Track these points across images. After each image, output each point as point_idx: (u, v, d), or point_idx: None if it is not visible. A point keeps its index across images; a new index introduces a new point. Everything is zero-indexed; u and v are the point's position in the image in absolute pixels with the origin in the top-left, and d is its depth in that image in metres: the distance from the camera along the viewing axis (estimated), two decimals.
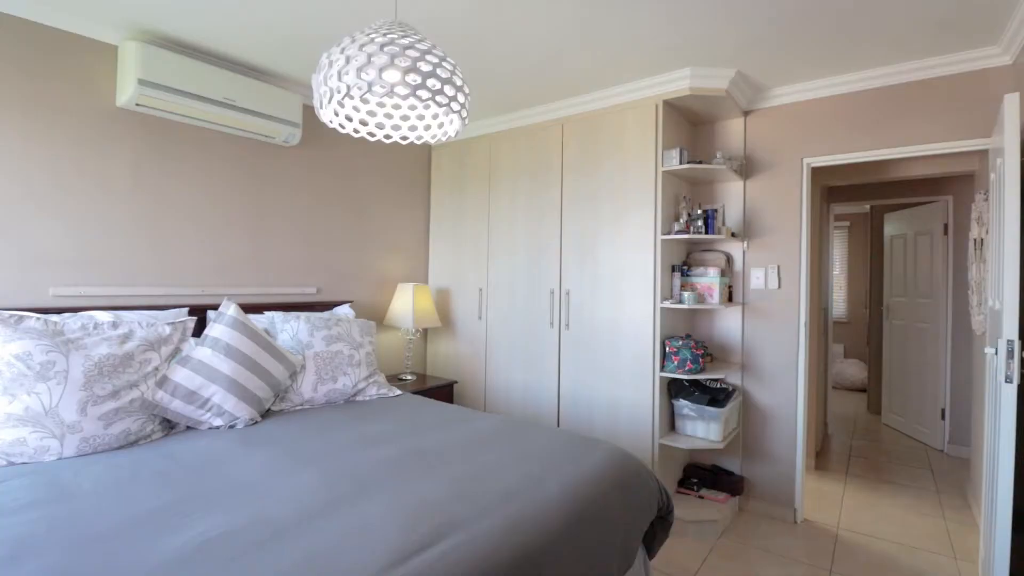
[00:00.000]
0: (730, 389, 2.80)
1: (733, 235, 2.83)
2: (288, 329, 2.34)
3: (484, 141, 3.36)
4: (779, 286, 2.78)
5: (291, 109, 2.59)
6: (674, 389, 2.73)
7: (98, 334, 1.71)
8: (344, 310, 2.82)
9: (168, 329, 1.89)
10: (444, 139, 1.72)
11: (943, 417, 3.94)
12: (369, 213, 3.26)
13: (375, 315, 3.31)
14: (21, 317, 1.65)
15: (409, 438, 1.87)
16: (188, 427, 1.90)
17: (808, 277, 2.74)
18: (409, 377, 3.20)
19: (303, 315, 2.43)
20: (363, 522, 1.24)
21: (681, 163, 2.61)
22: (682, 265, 2.84)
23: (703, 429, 2.64)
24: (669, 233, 2.69)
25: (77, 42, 2.13)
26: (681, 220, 2.70)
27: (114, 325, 1.77)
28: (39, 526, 1.19)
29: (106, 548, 1.11)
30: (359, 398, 2.43)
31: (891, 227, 4.72)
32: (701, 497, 2.77)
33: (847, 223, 6.87)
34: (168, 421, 1.86)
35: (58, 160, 2.08)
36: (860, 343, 6.68)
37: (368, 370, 2.48)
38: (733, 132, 2.94)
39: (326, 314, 2.56)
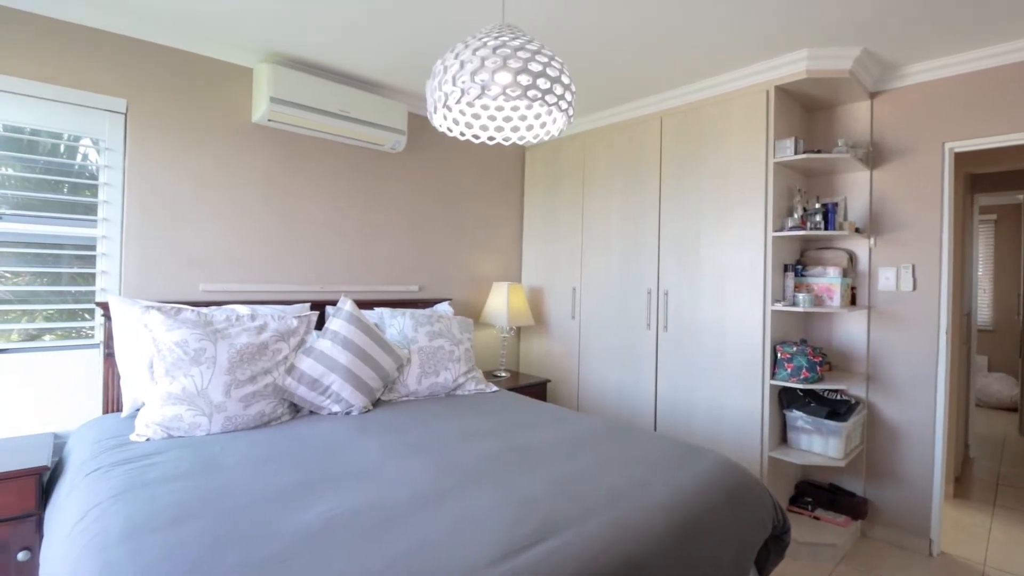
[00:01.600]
0: (853, 402, 2.54)
1: (857, 231, 2.57)
2: (395, 324, 2.48)
3: (578, 139, 3.34)
4: (913, 288, 2.48)
5: (398, 117, 2.74)
6: (786, 399, 2.53)
7: (239, 325, 1.92)
8: (444, 307, 2.94)
9: (295, 322, 2.08)
10: (547, 138, 1.73)
11: None
12: (466, 214, 3.37)
13: (471, 313, 3.41)
14: (179, 309, 1.89)
15: (509, 434, 1.90)
16: (311, 412, 2.09)
17: (950, 278, 2.41)
18: (503, 374, 3.26)
19: (408, 311, 2.56)
20: (471, 514, 1.28)
21: (796, 153, 2.41)
22: (796, 264, 2.62)
23: (820, 444, 2.42)
24: (782, 229, 2.49)
25: (220, 67, 2.41)
26: (795, 215, 2.49)
27: (252, 317, 1.99)
28: (196, 493, 1.36)
29: (250, 517, 1.24)
30: (458, 392, 2.51)
31: None
32: (816, 518, 2.55)
33: (993, 216, 5.97)
34: (294, 405, 2.05)
35: (205, 173, 2.37)
36: (1008, 354, 5.77)
37: (467, 366, 2.56)
38: (857, 117, 2.67)
39: (428, 311, 2.68)
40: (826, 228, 2.47)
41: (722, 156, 2.63)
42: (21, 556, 1.62)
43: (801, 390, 2.53)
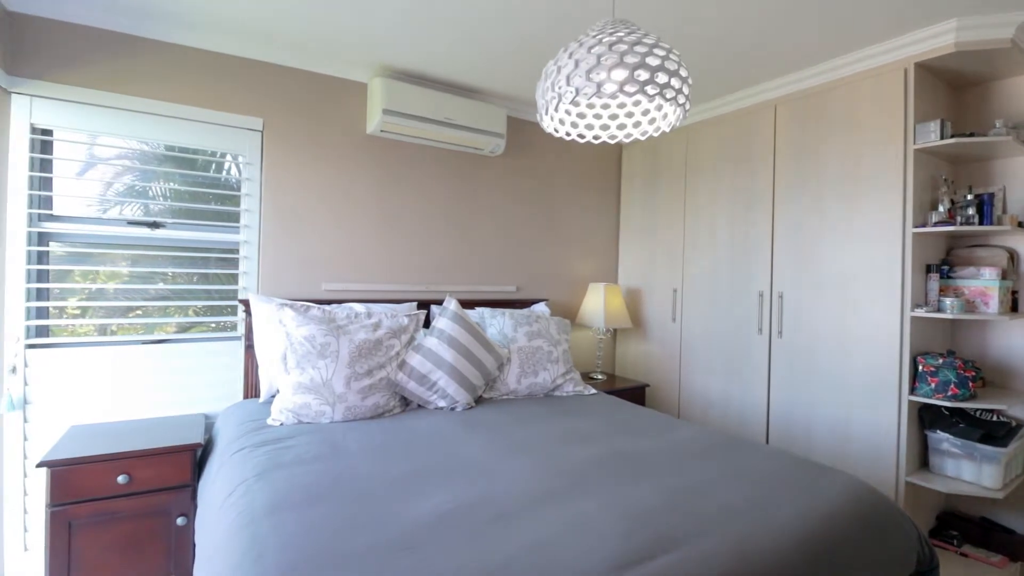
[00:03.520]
0: (1013, 424, 2.18)
1: (1020, 225, 2.20)
2: (495, 324, 2.53)
3: (679, 133, 3.20)
4: None
5: (497, 122, 2.79)
6: (928, 418, 2.23)
7: (357, 322, 2.07)
8: (540, 308, 2.95)
9: (406, 320, 2.20)
10: (656, 134, 1.67)
11: None
12: (562, 214, 3.36)
13: (567, 314, 3.40)
14: (307, 307, 2.08)
15: (612, 439, 1.86)
16: (419, 405, 2.19)
17: None
18: (600, 376, 3.21)
19: (507, 311, 2.61)
20: (581, 519, 1.26)
21: (942, 138, 2.12)
22: (940, 265, 2.30)
23: (971, 471, 2.11)
24: (924, 225, 2.20)
25: (340, 84, 2.61)
26: (941, 208, 2.20)
27: (368, 315, 2.13)
28: (324, 476, 1.47)
29: (373, 503, 1.32)
30: (557, 393, 2.51)
31: None
32: (964, 555, 2.23)
33: None
34: (404, 398, 2.17)
35: (326, 182, 2.58)
36: None
37: (565, 367, 2.55)
38: (1019, 93, 2.29)
39: (526, 311, 2.70)
40: (980, 222, 2.15)
41: (849, 144, 2.38)
42: (180, 521, 1.86)
43: (948, 408, 2.22)
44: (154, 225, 2.25)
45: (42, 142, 2.05)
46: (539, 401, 2.37)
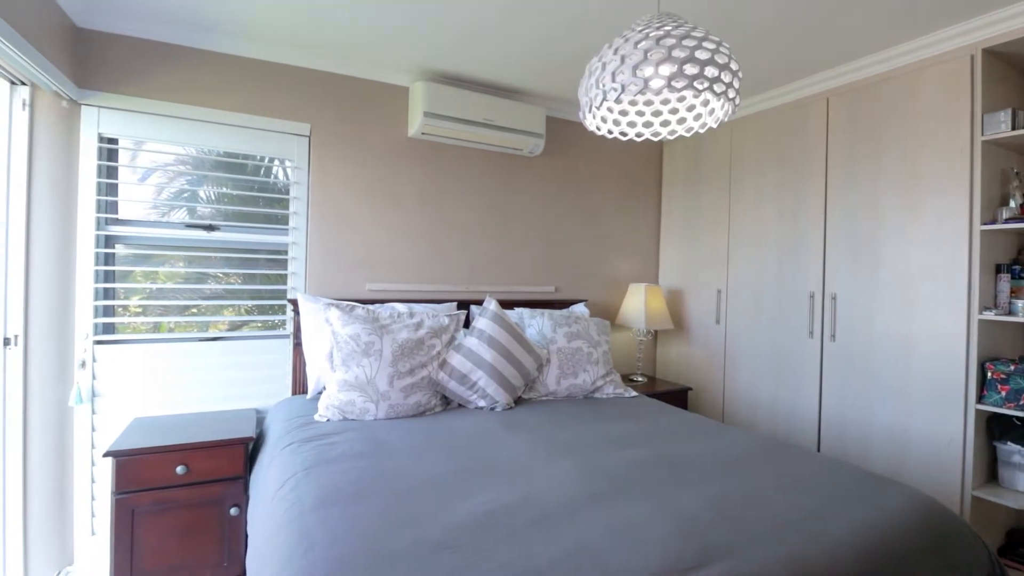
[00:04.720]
0: None
1: None
2: (534, 324, 2.53)
3: (723, 129, 3.10)
4: None
5: (536, 122, 2.79)
6: (998, 428, 2.09)
7: (400, 322, 2.10)
8: (580, 308, 2.92)
9: (447, 320, 2.22)
10: (702, 131, 1.62)
11: None
12: (601, 214, 3.32)
13: (606, 315, 3.35)
14: (352, 306, 2.13)
15: (656, 443, 1.82)
16: (459, 405, 2.21)
17: None
18: (640, 379, 3.16)
19: (546, 312, 2.60)
20: (626, 524, 1.24)
21: (1015, 128, 1.98)
22: (1012, 264, 2.15)
23: None
24: (993, 222, 2.06)
25: (382, 89, 2.67)
26: (1012, 204, 2.05)
27: (410, 315, 2.17)
28: (369, 472, 1.50)
29: (417, 501, 1.33)
30: (597, 395, 2.48)
31: None
32: None
33: None
34: (445, 398, 2.19)
35: (369, 184, 2.64)
36: None
37: (605, 368, 2.52)
38: None
39: (565, 311, 2.69)
40: None
41: (909, 137, 2.25)
42: (232, 511, 1.94)
43: (1019, 419, 2.07)
44: (209, 228, 2.35)
45: (108, 150, 2.18)
46: (579, 403, 2.35)
